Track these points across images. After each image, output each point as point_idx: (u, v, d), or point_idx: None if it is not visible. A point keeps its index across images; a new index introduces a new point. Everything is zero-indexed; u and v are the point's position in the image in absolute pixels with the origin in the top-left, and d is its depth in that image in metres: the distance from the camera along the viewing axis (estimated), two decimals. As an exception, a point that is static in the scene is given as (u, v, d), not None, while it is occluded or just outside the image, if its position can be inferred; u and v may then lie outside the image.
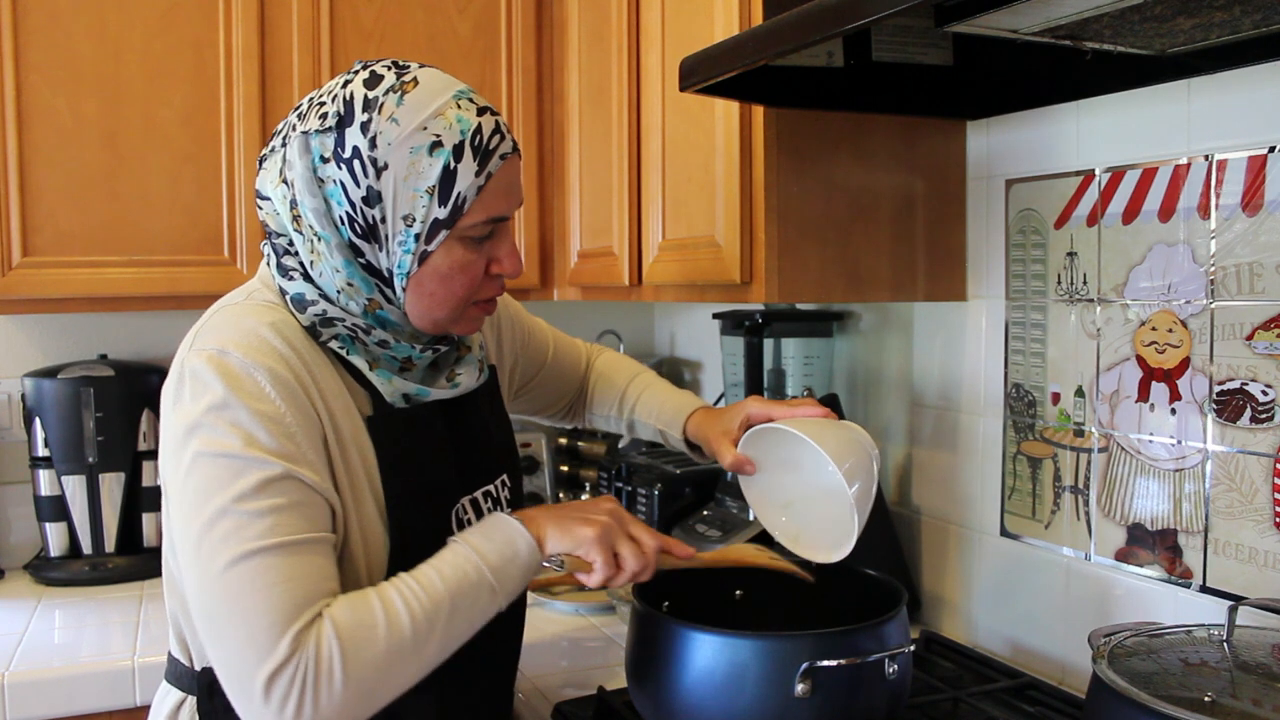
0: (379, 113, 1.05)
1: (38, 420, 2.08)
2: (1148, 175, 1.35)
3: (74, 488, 2.09)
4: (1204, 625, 1.12)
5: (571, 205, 2.11)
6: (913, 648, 1.21)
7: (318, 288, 1.10)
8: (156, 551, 2.14)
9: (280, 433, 1.01)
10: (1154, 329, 1.35)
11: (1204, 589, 1.30)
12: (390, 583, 1.03)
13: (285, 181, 1.09)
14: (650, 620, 1.24)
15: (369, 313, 1.11)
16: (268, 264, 1.16)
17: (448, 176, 1.05)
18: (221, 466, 0.99)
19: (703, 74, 1.33)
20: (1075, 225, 1.46)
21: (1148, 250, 1.35)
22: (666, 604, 1.34)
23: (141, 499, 2.13)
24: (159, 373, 2.19)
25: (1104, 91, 1.39)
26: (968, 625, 1.68)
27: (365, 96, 1.06)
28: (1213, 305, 1.27)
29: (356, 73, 1.10)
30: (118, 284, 1.94)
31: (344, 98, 1.07)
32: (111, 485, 2.10)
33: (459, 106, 1.08)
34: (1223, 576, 1.27)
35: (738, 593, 1.45)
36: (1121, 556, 1.41)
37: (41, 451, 2.08)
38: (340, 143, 1.05)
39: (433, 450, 1.18)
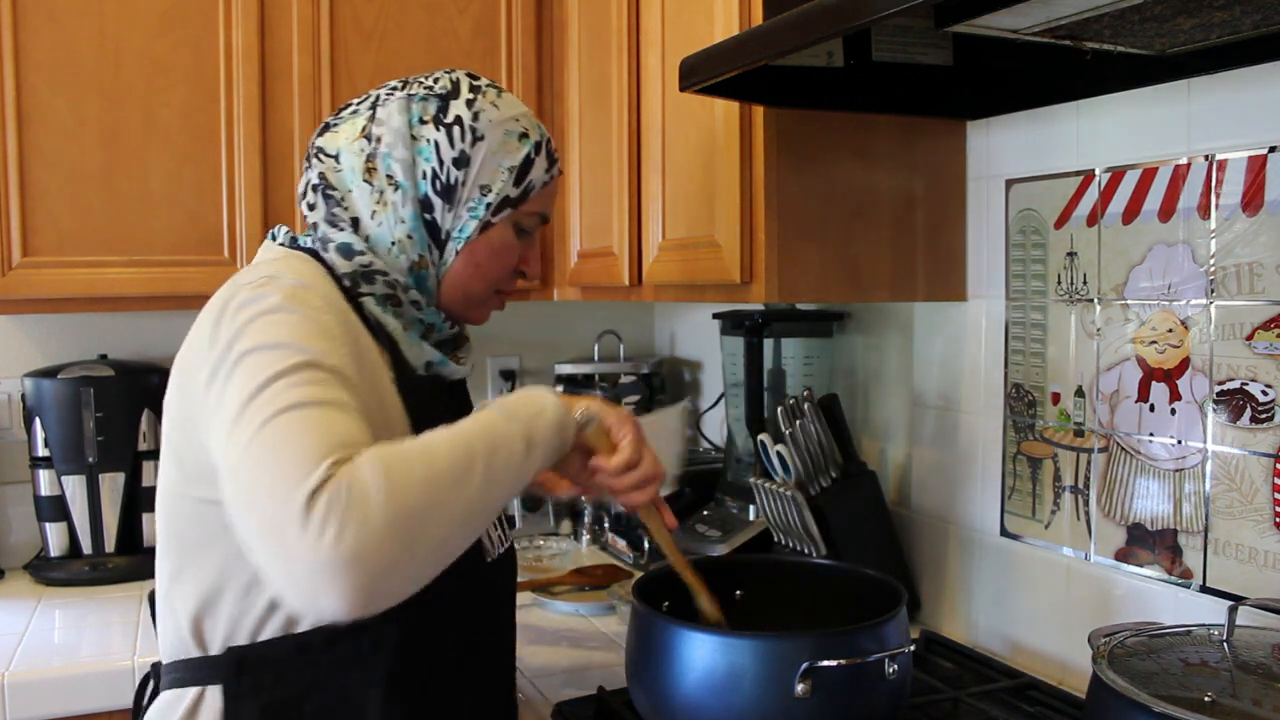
0: (483, 96, 1.20)
1: (38, 420, 2.08)
2: (1148, 175, 1.35)
3: (74, 488, 2.09)
4: (1204, 625, 1.12)
5: (571, 205, 2.11)
6: (912, 648, 1.21)
7: (366, 242, 1.17)
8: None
9: (332, 346, 1.01)
10: (1154, 329, 1.35)
11: (1204, 589, 1.30)
12: (419, 436, 1.00)
13: (367, 136, 1.18)
14: (649, 620, 1.24)
15: (413, 271, 1.18)
16: (293, 236, 1.20)
17: (526, 163, 1.21)
18: (272, 353, 0.98)
19: (703, 74, 1.33)
20: (1075, 225, 1.46)
21: (1148, 250, 1.35)
22: (667, 604, 1.34)
23: (141, 499, 2.13)
24: (159, 373, 2.19)
25: (1104, 91, 1.39)
26: (968, 625, 1.68)
27: (471, 83, 1.21)
28: (1213, 305, 1.27)
29: (451, 72, 1.23)
30: (118, 284, 1.94)
31: (450, 79, 1.21)
32: (111, 485, 2.10)
33: (537, 118, 1.27)
34: (1223, 576, 1.27)
35: (738, 593, 1.44)
36: (1121, 556, 1.41)
37: (41, 451, 2.09)
38: (443, 109, 1.18)
39: (447, 420, 1.19)
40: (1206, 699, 0.95)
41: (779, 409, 1.69)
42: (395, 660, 1.12)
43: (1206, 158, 1.27)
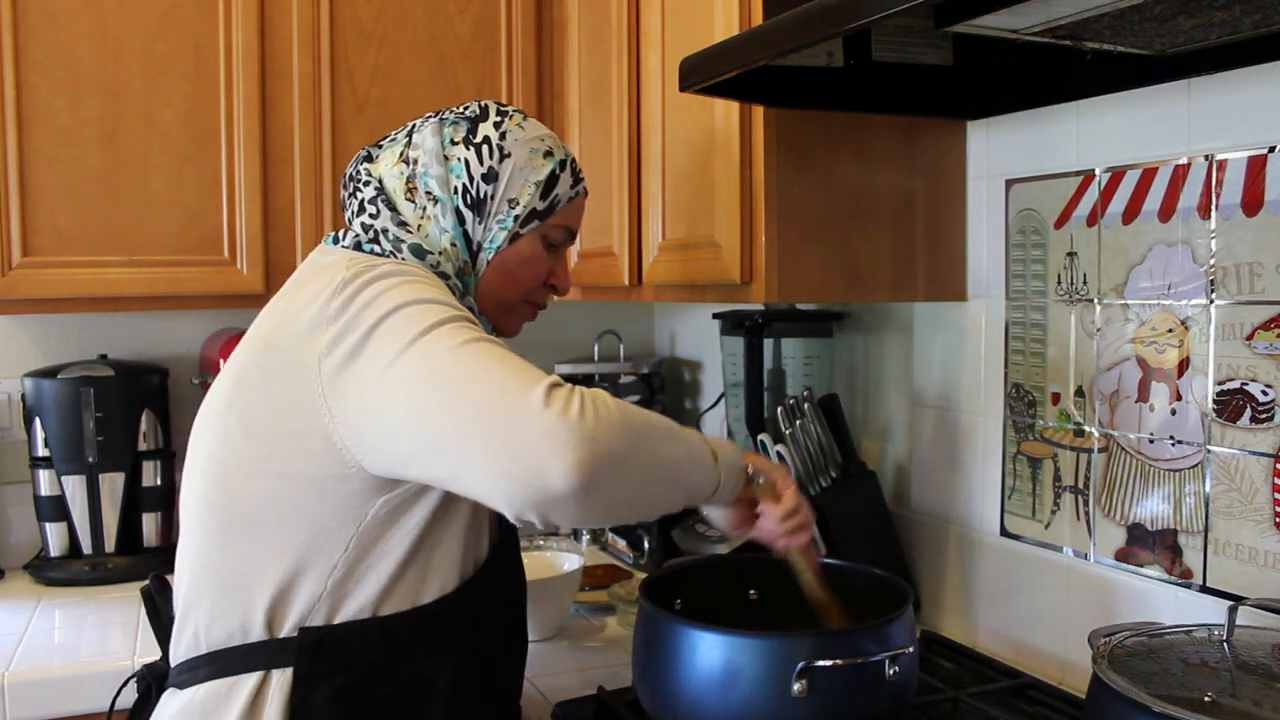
0: (509, 119, 1.28)
1: (38, 420, 2.08)
2: (1148, 175, 1.35)
3: (74, 488, 2.09)
4: (1204, 625, 1.12)
5: (571, 205, 2.10)
6: (913, 649, 1.21)
7: (429, 245, 1.24)
8: (156, 551, 2.14)
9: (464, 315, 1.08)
10: (1154, 329, 1.35)
11: (1204, 589, 1.30)
12: None
13: (405, 160, 1.26)
14: (653, 618, 1.25)
15: (460, 276, 1.25)
16: (356, 239, 1.24)
17: (552, 179, 1.28)
18: (424, 307, 1.05)
19: (703, 74, 1.33)
20: (1075, 225, 1.46)
21: (1148, 250, 1.35)
22: (680, 602, 1.34)
23: (141, 499, 2.13)
24: (159, 373, 2.19)
25: (1104, 91, 1.39)
26: (968, 625, 1.68)
27: (498, 108, 1.29)
28: (1213, 305, 1.27)
29: (481, 101, 1.32)
30: (118, 284, 1.94)
31: (479, 105, 1.29)
32: (111, 485, 2.10)
33: (562, 142, 1.34)
34: (1223, 576, 1.27)
35: (751, 593, 1.45)
36: (1121, 556, 1.41)
37: (41, 451, 2.09)
38: (472, 130, 1.26)
39: None
40: (1206, 699, 0.95)
41: (779, 409, 1.69)
42: (467, 644, 1.15)
43: (1206, 158, 1.27)
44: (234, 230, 2.00)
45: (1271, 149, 1.20)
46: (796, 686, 1.13)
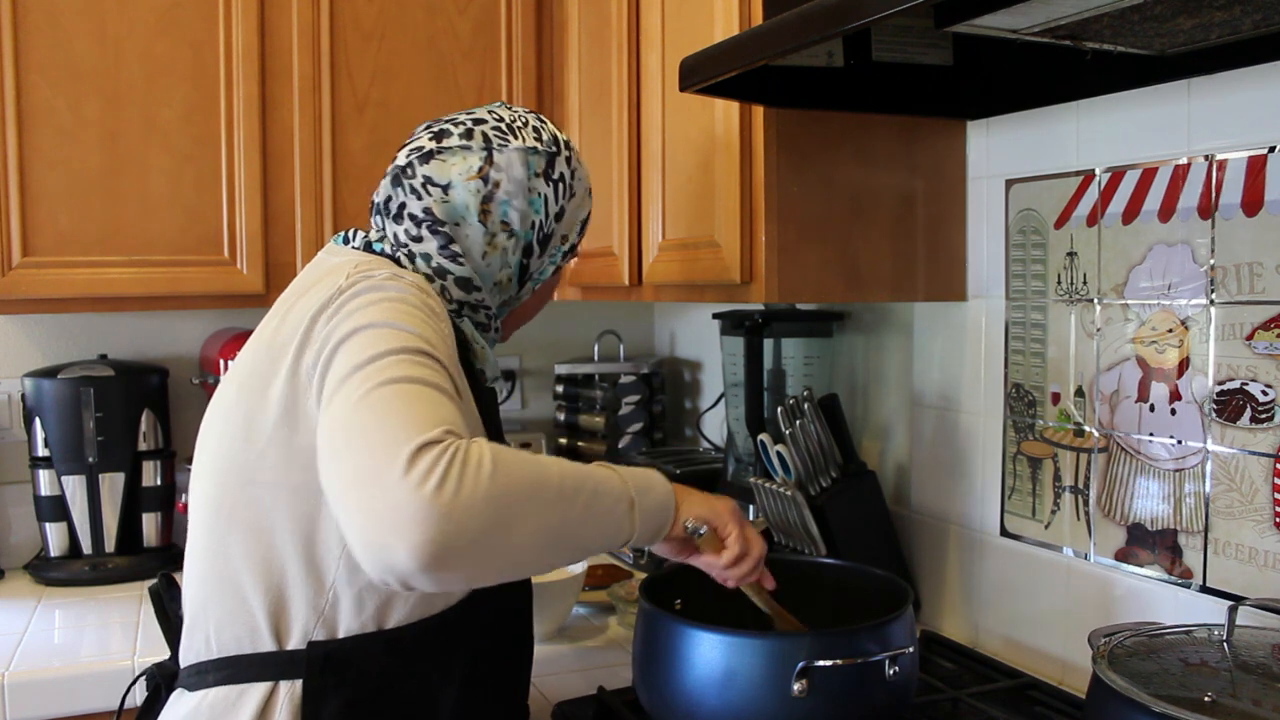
0: (575, 155, 1.32)
1: (38, 420, 2.08)
2: (1148, 175, 1.35)
3: (74, 488, 2.09)
4: (1204, 625, 1.12)
5: (571, 205, 2.11)
6: (913, 649, 1.21)
7: (480, 277, 1.25)
8: (156, 551, 2.14)
9: (440, 341, 1.05)
10: (1154, 329, 1.35)
11: (1204, 589, 1.30)
12: None
13: (484, 178, 1.23)
14: (653, 618, 1.25)
15: (502, 306, 1.31)
16: (366, 240, 1.24)
17: (588, 216, 1.35)
18: (387, 331, 1.01)
19: (703, 74, 1.33)
20: (1075, 225, 1.46)
21: (1148, 250, 1.35)
22: (679, 602, 1.34)
23: (141, 499, 2.13)
24: (159, 373, 2.19)
25: (1104, 91, 1.39)
26: (968, 625, 1.68)
27: (562, 139, 1.31)
28: (1213, 305, 1.27)
29: (529, 112, 1.32)
30: (118, 284, 1.94)
31: (549, 133, 1.29)
32: (111, 485, 2.10)
33: None
34: (1223, 576, 1.27)
35: None
36: (1121, 556, 1.41)
37: (41, 451, 2.09)
38: (551, 165, 1.28)
39: (495, 424, 1.29)
40: (1206, 699, 0.95)
41: (779, 409, 1.69)
42: (473, 652, 1.15)
43: (1206, 158, 1.27)
44: (234, 230, 2.00)
45: (1271, 149, 1.20)
46: (796, 686, 1.13)
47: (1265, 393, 1.22)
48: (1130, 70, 1.27)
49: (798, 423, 1.67)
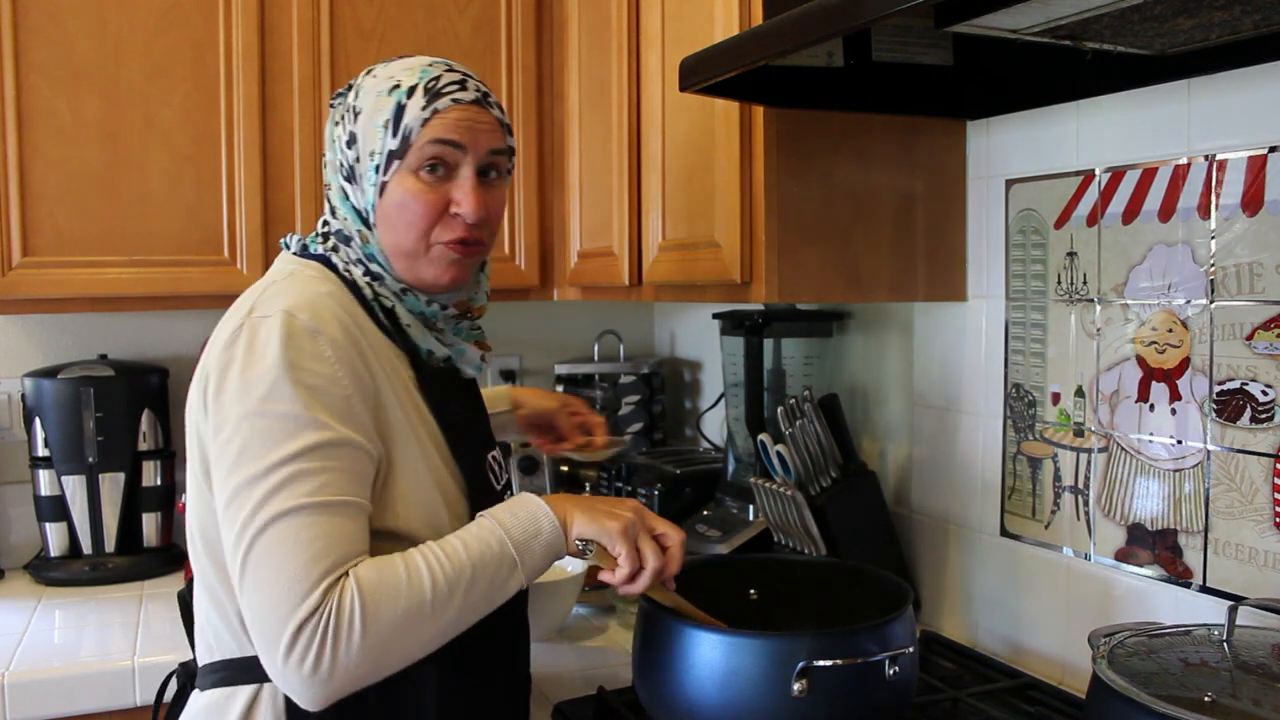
0: (369, 75, 1.22)
1: (38, 420, 2.08)
2: (1148, 175, 1.35)
3: (74, 488, 2.09)
4: (1204, 625, 1.12)
5: (571, 205, 2.11)
6: (913, 649, 1.21)
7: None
8: (156, 551, 2.14)
9: (338, 395, 1.07)
10: (1154, 329, 1.35)
11: (1204, 589, 1.30)
12: (417, 549, 1.07)
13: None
14: (653, 618, 1.25)
15: (365, 247, 1.21)
16: (302, 242, 1.25)
17: (399, 111, 1.17)
18: (282, 424, 1.04)
19: (703, 74, 1.33)
20: (1075, 225, 1.46)
21: (1148, 250, 1.35)
22: None
23: (141, 499, 2.13)
24: (159, 373, 2.19)
25: (1104, 91, 1.39)
26: (968, 625, 1.68)
27: (366, 71, 1.24)
28: (1213, 305, 1.27)
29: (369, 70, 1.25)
30: (118, 284, 1.94)
31: (355, 79, 1.24)
32: (111, 485, 2.10)
33: (432, 66, 1.21)
34: (1223, 576, 1.27)
35: (751, 593, 1.45)
36: (1121, 556, 1.41)
37: (41, 451, 2.09)
38: (343, 102, 1.23)
39: (469, 412, 1.28)
40: (1206, 699, 0.95)
41: (779, 409, 1.69)
42: (452, 646, 1.13)
43: (1206, 158, 1.27)
44: (234, 230, 2.00)
45: (1272, 149, 1.20)
46: (796, 686, 1.13)
47: (1265, 393, 1.22)
48: (1130, 70, 1.27)
49: (798, 423, 1.67)
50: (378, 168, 1.18)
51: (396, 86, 1.18)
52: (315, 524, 1.02)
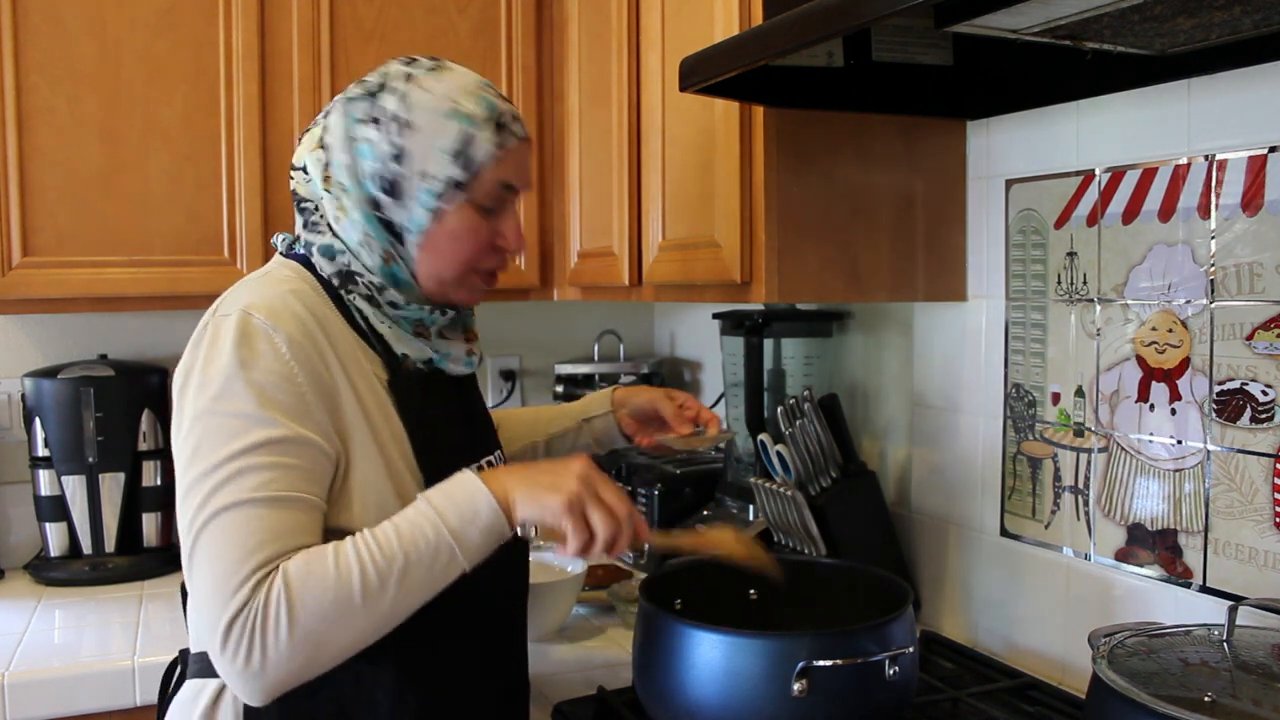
0: (413, 83, 1.18)
1: (38, 420, 2.08)
2: (1148, 175, 1.35)
3: (74, 488, 2.09)
4: (1204, 625, 1.12)
5: (571, 205, 2.11)
6: (913, 649, 1.21)
7: (343, 243, 1.20)
8: (156, 551, 2.14)
9: (292, 393, 1.08)
10: (1154, 329, 1.35)
11: (1204, 589, 1.30)
12: (350, 538, 1.06)
13: (322, 146, 1.20)
14: (653, 618, 1.25)
15: (385, 266, 1.19)
16: (290, 242, 1.24)
17: (466, 141, 1.17)
18: (233, 422, 1.06)
19: (703, 74, 1.33)
20: (1075, 225, 1.46)
21: (1148, 250, 1.35)
22: (679, 602, 1.34)
23: (141, 499, 2.13)
24: (159, 373, 2.19)
25: (1104, 91, 1.39)
26: (968, 625, 1.68)
27: (404, 72, 1.19)
28: (1213, 305, 1.27)
29: (390, 63, 1.22)
30: (118, 284, 1.94)
31: (384, 72, 1.20)
32: (111, 485, 2.10)
33: (485, 91, 1.21)
34: (1223, 576, 1.27)
35: (751, 593, 1.45)
36: (1121, 556, 1.41)
37: (41, 451, 2.08)
38: (375, 106, 1.17)
39: (448, 415, 1.25)
40: (1206, 699, 0.95)
41: (779, 409, 1.69)
42: (407, 640, 1.11)
43: (1206, 158, 1.27)
44: (234, 230, 2.00)
45: (1271, 149, 1.20)
46: (796, 686, 1.13)
47: (1265, 393, 1.22)
48: (1130, 70, 1.27)
49: (798, 423, 1.67)
50: (437, 194, 1.16)
51: (457, 112, 1.16)
52: (257, 518, 1.03)
